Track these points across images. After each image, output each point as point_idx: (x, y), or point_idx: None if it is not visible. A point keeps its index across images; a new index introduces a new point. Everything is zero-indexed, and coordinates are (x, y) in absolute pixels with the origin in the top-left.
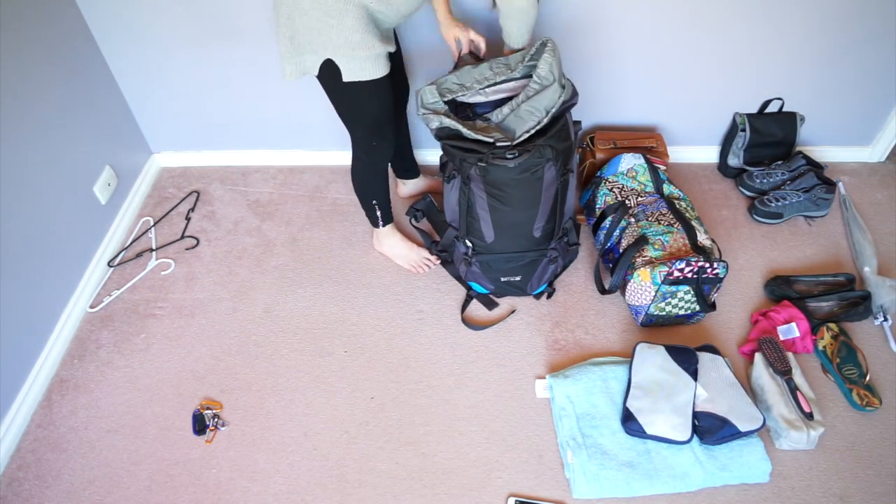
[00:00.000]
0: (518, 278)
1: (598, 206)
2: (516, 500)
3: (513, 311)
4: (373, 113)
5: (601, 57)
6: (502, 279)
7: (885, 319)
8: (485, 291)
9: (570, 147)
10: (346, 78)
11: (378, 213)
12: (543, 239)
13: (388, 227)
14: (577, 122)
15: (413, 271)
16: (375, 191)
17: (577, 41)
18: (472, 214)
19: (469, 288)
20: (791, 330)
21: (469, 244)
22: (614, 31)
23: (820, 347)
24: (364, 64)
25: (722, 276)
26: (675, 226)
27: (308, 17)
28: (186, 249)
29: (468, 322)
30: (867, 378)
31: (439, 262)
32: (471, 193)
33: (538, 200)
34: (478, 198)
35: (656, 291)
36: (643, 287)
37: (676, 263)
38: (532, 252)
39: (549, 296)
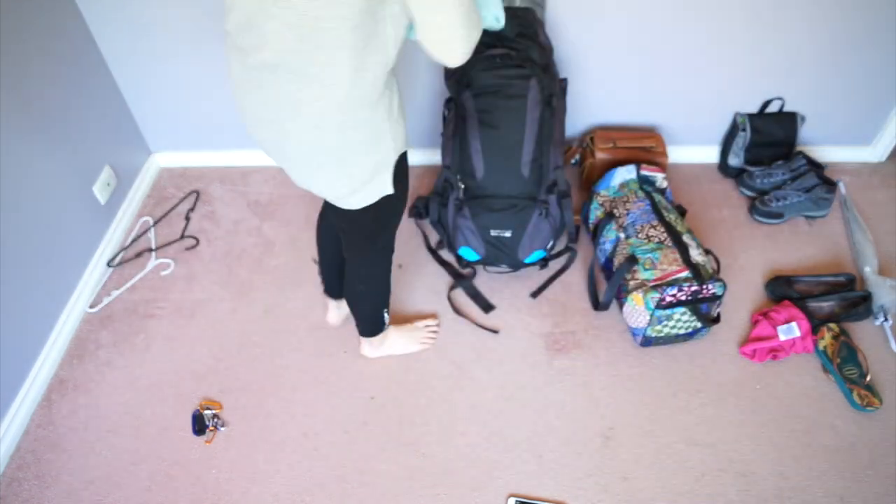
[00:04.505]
0: (509, 234)
1: (590, 221)
2: (516, 500)
3: (496, 332)
4: (403, 206)
5: (601, 56)
6: (492, 233)
7: (886, 319)
8: (475, 257)
9: (553, 77)
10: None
11: (385, 311)
12: (533, 182)
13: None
14: (564, 79)
15: (426, 346)
16: (388, 292)
17: (576, 41)
18: (465, 143)
19: (459, 259)
20: (791, 330)
21: (461, 185)
22: (614, 30)
23: (820, 347)
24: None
25: (720, 294)
26: (666, 242)
27: (370, 125)
28: (186, 249)
29: (455, 306)
30: (867, 378)
31: (437, 324)
32: (463, 126)
33: (524, 121)
34: (469, 125)
35: (651, 315)
36: (637, 311)
37: (668, 290)
38: (523, 199)
39: (542, 267)
